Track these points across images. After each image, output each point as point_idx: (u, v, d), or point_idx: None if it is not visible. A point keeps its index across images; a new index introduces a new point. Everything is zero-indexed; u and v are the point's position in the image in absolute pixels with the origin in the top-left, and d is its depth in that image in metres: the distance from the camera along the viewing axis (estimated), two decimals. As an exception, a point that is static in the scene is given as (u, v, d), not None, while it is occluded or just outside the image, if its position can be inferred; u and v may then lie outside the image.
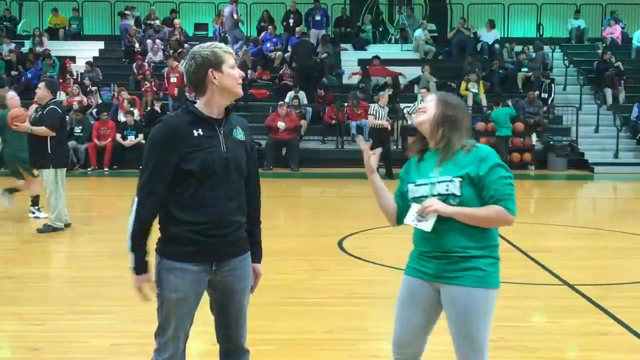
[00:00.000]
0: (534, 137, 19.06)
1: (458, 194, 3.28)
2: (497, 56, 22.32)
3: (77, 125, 18.18)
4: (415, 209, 3.38)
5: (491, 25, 23.47)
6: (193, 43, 23.29)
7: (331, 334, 5.42)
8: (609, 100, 20.71)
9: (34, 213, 10.55)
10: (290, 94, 19.85)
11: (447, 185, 3.30)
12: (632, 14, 25.69)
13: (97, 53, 23.25)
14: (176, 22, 23.17)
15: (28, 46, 22.92)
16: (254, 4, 25.25)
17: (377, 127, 15.99)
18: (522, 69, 21.37)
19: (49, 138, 9.20)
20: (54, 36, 23.95)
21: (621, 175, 17.81)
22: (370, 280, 7.14)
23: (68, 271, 7.81)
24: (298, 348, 5.13)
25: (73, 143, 17.28)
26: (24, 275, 7.31)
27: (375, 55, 21.74)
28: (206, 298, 3.50)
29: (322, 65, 21.26)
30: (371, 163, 3.53)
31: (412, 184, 3.45)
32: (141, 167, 3.32)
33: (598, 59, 21.96)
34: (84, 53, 22.62)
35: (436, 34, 23.99)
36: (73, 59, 21.96)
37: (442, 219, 3.30)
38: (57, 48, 22.75)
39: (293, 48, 21.61)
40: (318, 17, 23.12)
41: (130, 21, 23.41)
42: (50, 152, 9.26)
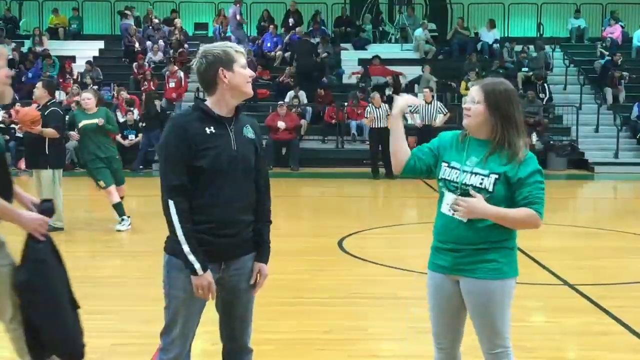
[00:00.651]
0: (534, 137, 19.05)
1: (490, 191, 3.31)
2: (498, 56, 22.32)
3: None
4: (450, 199, 3.38)
5: (491, 25, 23.47)
6: (193, 43, 23.38)
7: (331, 334, 5.42)
8: (609, 100, 20.71)
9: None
10: (290, 94, 19.85)
11: (483, 179, 3.32)
12: (632, 14, 25.67)
13: (97, 53, 23.24)
14: (177, 22, 23.15)
15: (28, 46, 22.92)
16: (254, 4, 25.25)
17: (377, 128, 15.99)
18: (522, 69, 21.36)
19: (47, 139, 9.19)
20: (54, 36, 23.95)
21: (621, 175, 17.81)
22: (370, 280, 7.14)
23: (68, 271, 7.80)
24: (298, 348, 5.13)
25: (74, 143, 17.26)
26: (24, 275, 7.30)
27: (375, 55, 21.74)
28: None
29: (322, 65, 21.27)
30: (402, 105, 3.57)
31: (446, 163, 3.45)
32: (161, 169, 3.32)
33: (600, 59, 21.92)
34: (84, 53, 22.59)
35: (436, 34, 23.98)
36: (73, 59, 21.96)
37: None
38: (57, 48, 22.75)
39: (293, 47, 21.55)
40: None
41: (130, 21, 23.41)
42: (47, 153, 9.25)
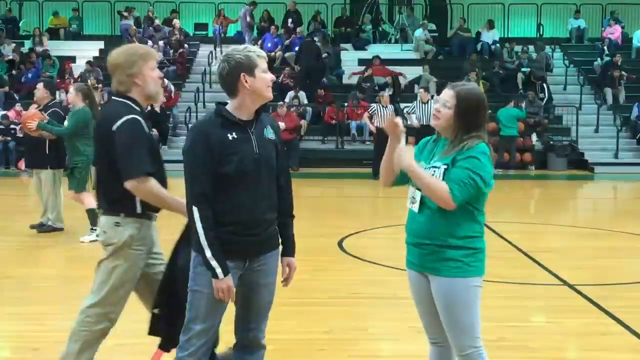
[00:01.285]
0: (534, 137, 19.06)
1: (441, 180, 3.38)
2: (498, 56, 22.31)
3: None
4: (410, 193, 3.51)
5: (491, 25, 23.47)
6: (193, 43, 23.39)
7: (331, 334, 5.42)
8: (609, 100, 20.71)
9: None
10: (290, 94, 19.84)
11: (435, 170, 3.41)
12: (632, 14, 25.68)
13: (97, 53, 23.22)
14: (175, 23, 23.14)
15: (28, 46, 22.91)
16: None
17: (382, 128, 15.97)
18: (522, 69, 21.36)
19: (48, 139, 9.17)
20: (54, 36, 23.94)
21: (621, 175, 17.80)
22: (370, 280, 7.14)
23: (68, 271, 7.81)
24: (298, 348, 5.13)
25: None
26: (24, 275, 7.31)
27: (375, 55, 21.74)
28: None
29: (323, 65, 21.26)
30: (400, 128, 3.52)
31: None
32: (186, 177, 3.39)
33: (601, 60, 21.91)
34: (84, 53, 22.59)
35: (436, 34, 23.98)
36: (73, 59, 21.96)
37: (424, 207, 3.42)
38: (57, 48, 22.74)
39: (299, 48, 21.50)
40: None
41: (130, 21, 23.40)
42: (47, 153, 9.24)
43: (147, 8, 24.57)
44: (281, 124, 18.26)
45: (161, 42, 22.48)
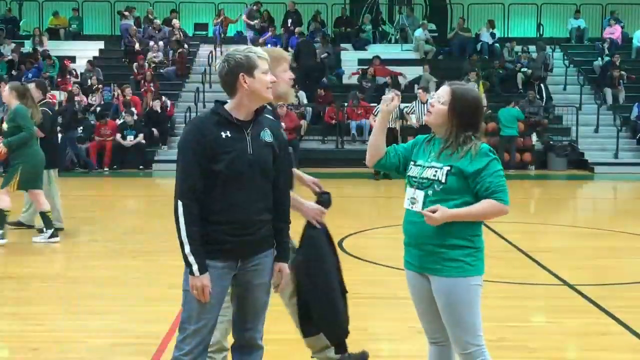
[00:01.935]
0: (534, 137, 19.05)
1: (443, 182, 3.41)
2: (498, 56, 22.31)
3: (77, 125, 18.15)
4: (410, 193, 3.52)
5: (491, 25, 23.46)
6: (193, 43, 23.37)
7: (331, 334, 5.40)
8: (609, 100, 20.70)
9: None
10: (290, 94, 19.81)
11: (436, 171, 3.44)
12: (632, 14, 25.66)
13: (97, 53, 23.23)
14: (175, 23, 23.12)
15: (28, 46, 22.90)
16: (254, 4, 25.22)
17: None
18: (522, 69, 21.35)
19: (40, 139, 9.11)
20: (54, 36, 23.92)
21: (621, 175, 17.80)
22: (370, 280, 7.13)
23: (68, 271, 7.81)
24: (298, 348, 5.12)
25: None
26: (24, 275, 7.31)
27: (375, 55, 21.74)
28: None
29: (322, 65, 21.25)
30: (396, 104, 3.67)
31: (413, 162, 3.59)
32: (177, 171, 3.40)
33: (601, 59, 21.91)
34: (84, 53, 22.57)
35: (436, 34, 23.97)
36: (73, 59, 21.94)
37: (424, 207, 3.42)
38: (57, 48, 22.73)
39: (296, 47, 21.50)
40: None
41: (130, 21, 23.40)
42: None
43: (147, 8, 24.56)
44: (281, 124, 18.29)
45: (161, 42, 22.49)
